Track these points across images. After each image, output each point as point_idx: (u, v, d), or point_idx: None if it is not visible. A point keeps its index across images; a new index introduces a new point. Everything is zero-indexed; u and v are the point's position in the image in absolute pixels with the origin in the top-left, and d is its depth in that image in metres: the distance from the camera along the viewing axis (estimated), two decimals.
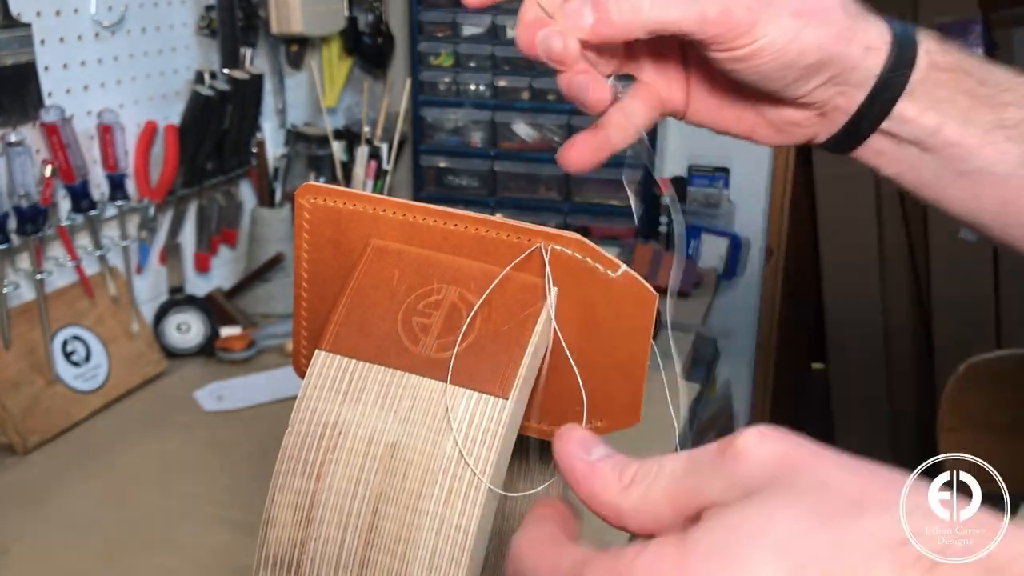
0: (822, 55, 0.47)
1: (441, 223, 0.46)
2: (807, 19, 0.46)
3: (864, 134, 0.52)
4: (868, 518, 0.29)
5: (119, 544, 0.97)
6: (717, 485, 0.32)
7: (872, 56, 0.49)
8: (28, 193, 1.11)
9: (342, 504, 0.43)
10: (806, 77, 0.48)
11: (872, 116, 0.51)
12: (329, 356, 0.45)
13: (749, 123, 0.54)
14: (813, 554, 0.28)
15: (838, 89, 0.50)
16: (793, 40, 0.46)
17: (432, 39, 1.76)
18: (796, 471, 0.31)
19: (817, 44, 0.47)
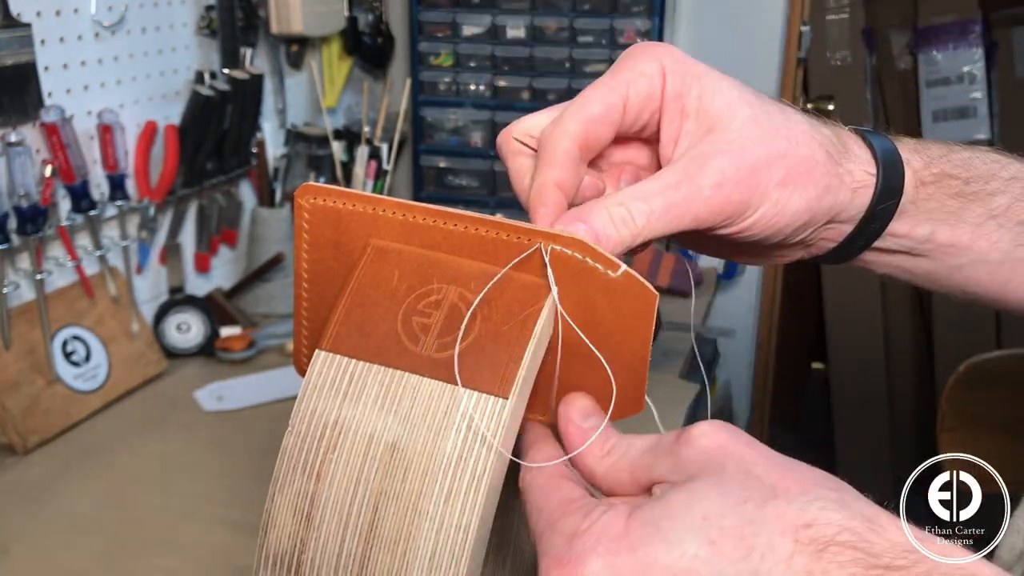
0: (810, 214, 0.48)
1: (441, 223, 0.46)
2: (792, 187, 0.46)
3: (853, 255, 0.54)
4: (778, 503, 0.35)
5: (119, 544, 0.97)
6: (667, 464, 0.40)
7: (859, 195, 0.49)
8: (28, 193, 1.11)
9: (342, 504, 0.43)
10: (797, 232, 0.49)
11: (861, 242, 0.52)
12: (329, 356, 0.45)
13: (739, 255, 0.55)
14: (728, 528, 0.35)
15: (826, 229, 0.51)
16: (781, 211, 0.46)
17: (432, 39, 1.76)
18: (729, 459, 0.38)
19: (805, 207, 0.47)
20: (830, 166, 0.48)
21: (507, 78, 1.75)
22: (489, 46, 1.74)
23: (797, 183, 0.46)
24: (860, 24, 2.39)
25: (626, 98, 0.46)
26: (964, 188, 0.51)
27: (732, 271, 1.81)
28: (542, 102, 1.74)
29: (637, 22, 1.67)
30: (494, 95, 1.77)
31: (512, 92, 1.76)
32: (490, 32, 1.73)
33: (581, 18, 1.69)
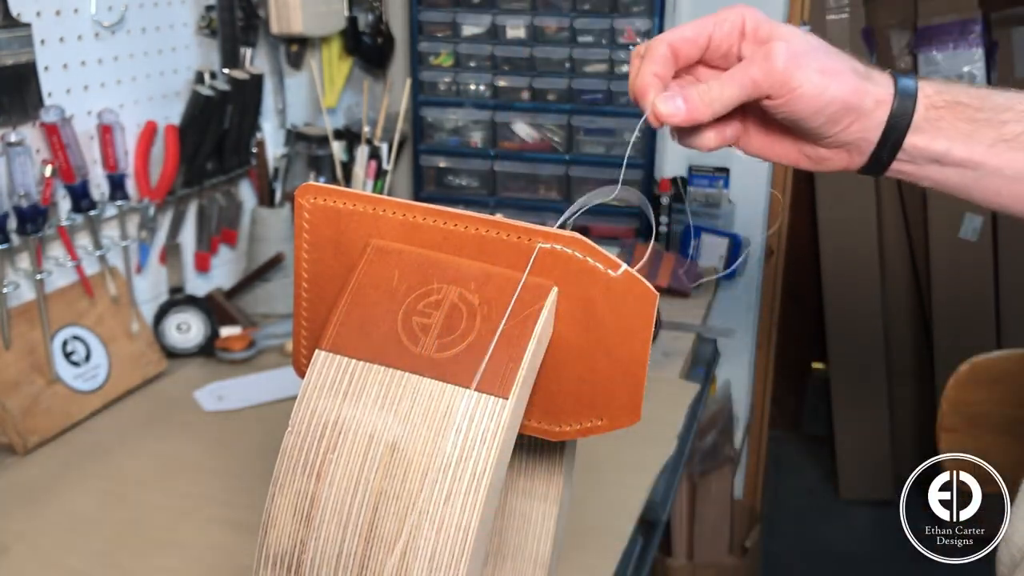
0: (843, 106, 0.61)
1: (441, 223, 0.46)
2: (831, 77, 0.61)
3: (886, 163, 0.66)
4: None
5: (119, 544, 0.97)
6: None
7: (880, 108, 0.63)
8: (28, 193, 1.11)
9: (342, 504, 0.43)
10: (832, 122, 0.62)
11: (888, 150, 0.65)
12: (329, 356, 0.45)
13: (793, 157, 0.68)
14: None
15: (858, 133, 0.64)
16: (823, 91, 0.60)
17: (432, 39, 1.76)
18: None
19: (840, 97, 0.61)
20: (856, 80, 0.62)
21: (507, 78, 1.75)
22: (489, 46, 1.74)
23: (833, 76, 0.61)
24: (860, 24, 2.39)
25: (711, 32, 0.64)
26: (975, 115, 0.64)
27: (732, 271, 1.81)
28: (542, 102, 1.74)
29: (637, 22, 1.67)
30: (494, 95, 1.77)
31: (512, 92, 1.76)
32: (490, 32, 1.73)
33: (581, 18, 1.69)
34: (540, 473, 0.57)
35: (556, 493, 0.57)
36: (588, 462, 1.11)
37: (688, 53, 0.64)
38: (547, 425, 0.48)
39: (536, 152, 1.78)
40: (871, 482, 2.54)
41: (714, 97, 0.62)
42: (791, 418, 2.86)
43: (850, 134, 0.64)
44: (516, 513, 0.57)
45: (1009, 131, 0.64)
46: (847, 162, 0.67)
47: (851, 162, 0.67)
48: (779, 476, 2.55)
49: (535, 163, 1.78)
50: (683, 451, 1.22)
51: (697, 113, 0.62)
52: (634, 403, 0.47)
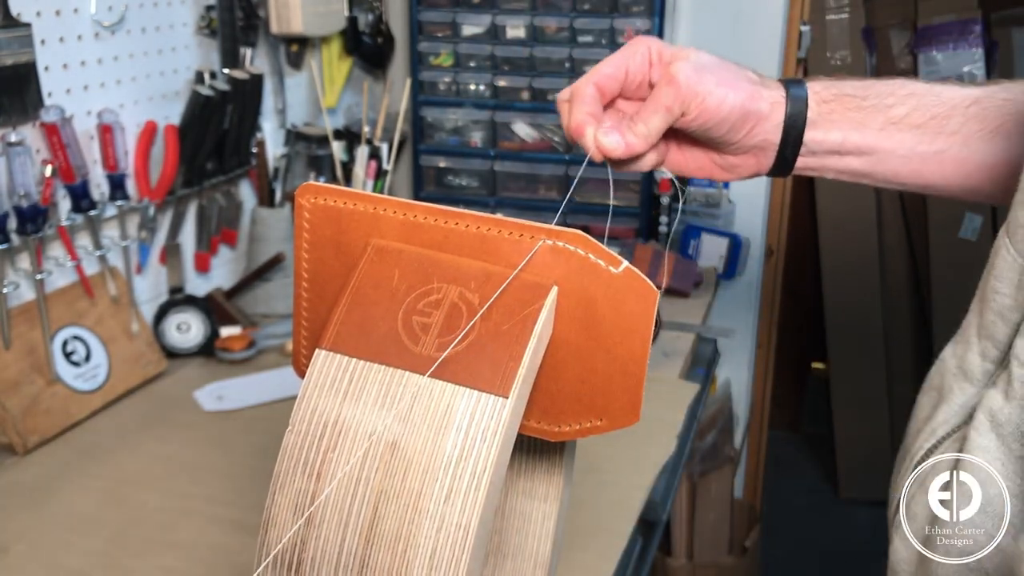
0: (742, 111, 0.67)
1: (442, 222, 0.46)
2: (728, 87, 0.67)
3: (791, 161, 0.71)
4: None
5: (119, 544, 0.97)
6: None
7: (775, 109, 0.69)
8: (28, 193, 1.11)
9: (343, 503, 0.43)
10: (735, 129, 0.68)
11: (791, 147, 0.70)
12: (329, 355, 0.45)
13: (708, 168, 0.74)
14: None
15: (760, 136, 0.70)
16: (723, 100, 0.66)
17: (432, 39, 1.76)
18: None
19: (740, 103, 0.67)
20: (751, 86, 0.68)
21: (507, 78, 1.75)
22: (489, 46, 1.74)
23: (730, 86, 0.67)
24: (860, 24, 2.39)
25: (627, 65, 0.69)
26: (862, 103, 0.69)
27: (732, 271, 1.81)
28: (542, 102, 1.74)
29: (637, 22, 1.67)
30: (494, 95, 1.77)
31: (512, 92, 1.76)
32: (490, 32, 1.73)
33: (581, 18, 1.69)
34: (540, 473, 0.57)
35: (556, 493, 0.57)
36: (588, 462, 1.11)
37: (611, 88, 0.70)
38: (547, 425, 0.48)
39: (536, 152, 1.78)
40: (871, 482, 2.54)
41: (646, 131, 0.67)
42: (791, 418, 2.86)
43: (753, 137, 0.69)
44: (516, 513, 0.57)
45: (895, 114, 0.69)
46: (756, 166, 0.72)
47: (760, 165, 0.72)
48: (779, 476, 2.55)
49: (535, 163, 1.78)
50: (683, 451, 1.22)
51: (635, 147, 0.67)
52: (634, 403, 0.47)
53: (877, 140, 0.70)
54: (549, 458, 0.57)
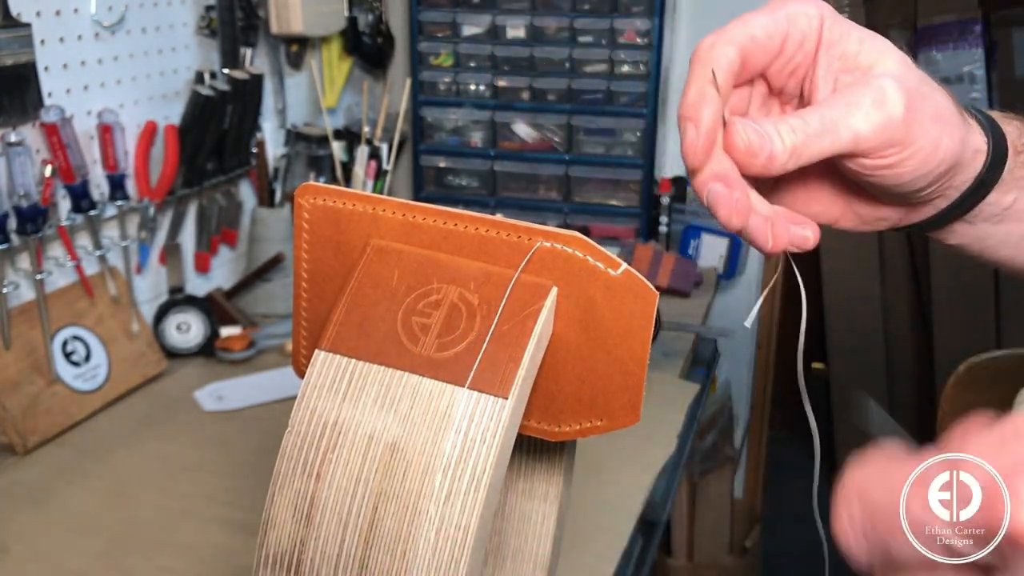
0: (953, 160, 0.47)
1: (441, 223, 0.46)
2: (942, 125, 0.45)
3: (946, 223, 0.52)
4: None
5: (119, 544, 0.97)
6: None
7: (977, 158, 0.49)
8: (28, 193, 1.11)
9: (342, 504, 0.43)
10: (935, 181, 0.47)
11: (961, 209, 0.51)
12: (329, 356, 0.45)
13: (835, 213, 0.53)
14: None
15: (944, 191, 0.49)
16: (936, 147, 0.45)
17: (432, 39, 1.76)
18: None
19: (953, 150, 0.46)
20: (962, 124, 0.48)
21: (507, 78, 1.75)
22: (489, 46, 1.74)
23: (946, 123, 0.46)
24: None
25: (787, 32, 0.46)
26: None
27: (732, 271, 1.81)
28: (542, 102, 1.74)
29: (637, 22, 1.67)
30: (494, 95, 1.76)
31: (512, 92, 1.75)
32: (490, 32, 1.73)
33: (581, 18, 1.69)
34: (540, 473, 0.57)
35: (556, 493, 0.57)
36: (588, 462, 1.11)
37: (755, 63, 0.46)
38: (546, 425, 0.48)
39: (536, 152, 1.78)
40: None
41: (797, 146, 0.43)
42: (791, 418, 2.87)
43: (936, 192, 0.49)
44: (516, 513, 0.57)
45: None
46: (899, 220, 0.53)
47: (906, 219, 0.52)
48: (779, 476, 2.55)
49: (535, 163, 1.78)
50: (683, 451, 1.22)
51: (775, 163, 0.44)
52: (634, 403, 0.47)
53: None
54: (549, 458, 0.57)
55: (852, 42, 0.47)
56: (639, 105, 1.70)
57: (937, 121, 0.45)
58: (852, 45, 0.47)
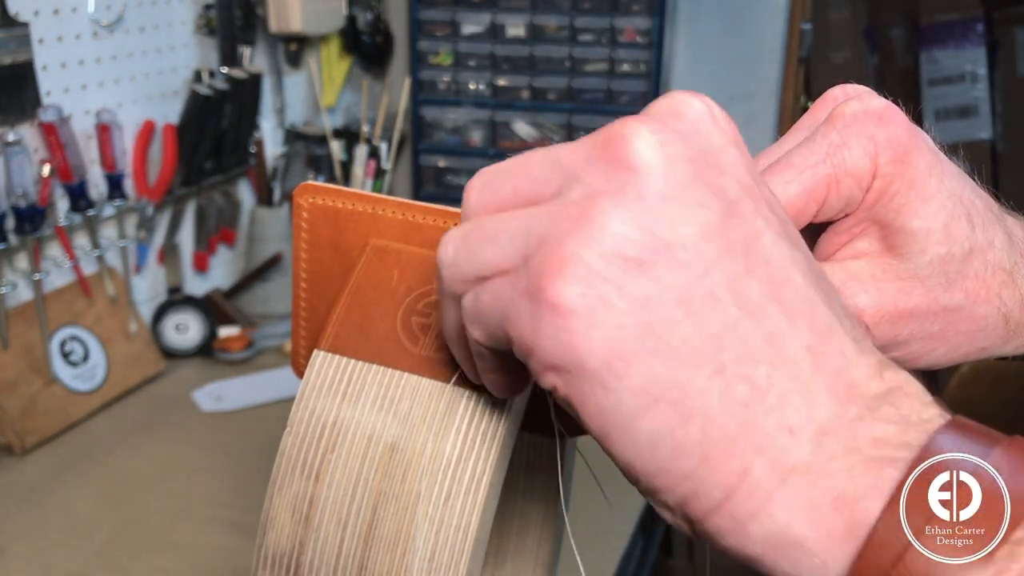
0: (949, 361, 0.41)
1: (441, 222, 0.46)
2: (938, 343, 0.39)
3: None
4: None
5: (117, 544, 0.97)
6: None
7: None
8: (26, 193, 1.11)
9: (341, 504, 0.42)
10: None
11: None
12: (328, 356, 0.45)
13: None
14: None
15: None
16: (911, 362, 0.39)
17: (432, 38, 1.76)
18: None
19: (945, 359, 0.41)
20: (1000, 331, 0.40)
21: (507, 77, 1.75)
22: (489, 45, 1.74)
23: (949, 342, 0.38)
24: (862, 23, 2.39)
25: (824, 200, 0.35)
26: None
27: None
28: (542, 101, 1.74)
29: (637, 21, 1.67)
30: (494, 94, 1.76)
31: (512, 91, 1.75)
32: (490, 31, 1.73)
33: (581, 17, 1.69)
34: (540, 473, 0.57)
35: (556, 493, 0.57)
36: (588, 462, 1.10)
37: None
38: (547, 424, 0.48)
39: None
40: None
41: None
42: None
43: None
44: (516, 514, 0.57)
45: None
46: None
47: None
48: None
49: None
50: None
51: None
52: None
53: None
54: (549, 458, 0.56)
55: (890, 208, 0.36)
56: (639, 104, 1.70)
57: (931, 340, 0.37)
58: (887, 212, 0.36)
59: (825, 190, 0.35)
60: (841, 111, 0.36)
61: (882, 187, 0.36)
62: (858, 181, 0.35)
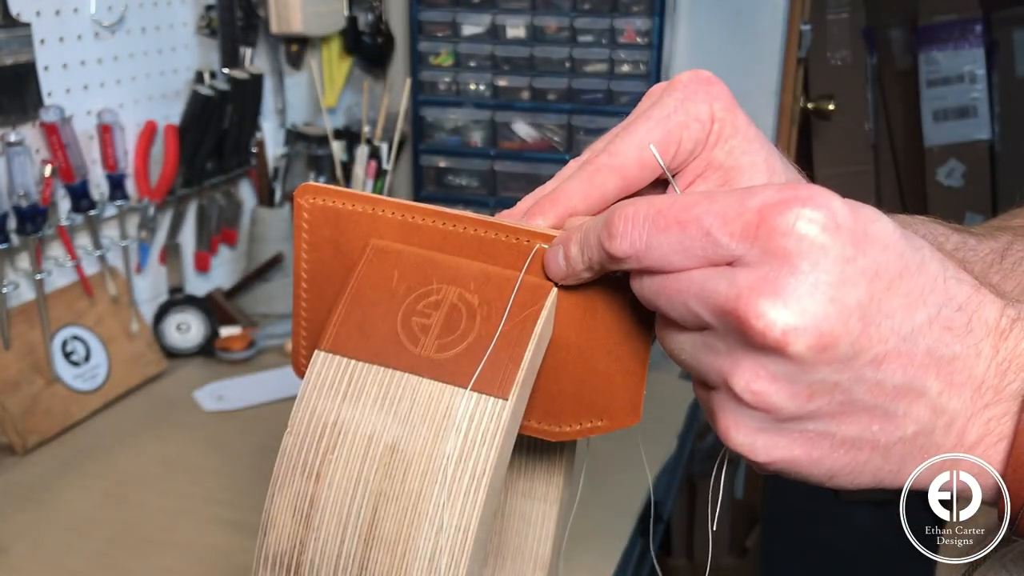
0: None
1: (440, 223, 0.46)
2: None
3: None
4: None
5: (119, 544, 0.97)
6: None
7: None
8: (28, 193, 1.11)
9: (342, 504, 0.43)
10: None
11: None
12: (328, 356, 0.45)
13: None
14: None
15: None
16: None
17: (432, 39, 1.76)
18: None
19: None
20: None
21: (507, 78, 1.75)
22: (489, 46, 1.74)
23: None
24: (861, 23, 2.39)
25: (679, 143, 0.45)
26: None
27: None
28: (542, 102, 1.74)
29: (637, 22, 1.67)
30: (494, 95, 1.76)
31: (512, 92, 1.75)
32: (490, 32, 1.73)
33: (581, 18, 1.69)
34: (540, 474, 0.57)
35: (556, 494, 0.57)
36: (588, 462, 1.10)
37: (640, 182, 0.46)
38: (547, 426, 0.48)
39: (536, 152, 1.78)
40: None
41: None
42: None
43: None
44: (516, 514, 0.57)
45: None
46: None
47: None
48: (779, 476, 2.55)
49: (535, 163, 1.78)
50: (683, 451, 1.22)
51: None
52: (634, 404, 0.46)
53: None
54: (549, 459, 0.57)
55: (724, 150, 0.45)
56: None
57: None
58: (721, 153, 0.45)
59: (679, 133, 0.44)
60: (679, 78, 0.46)
61: (719, 130, 0.45)
62: (703, 125, 0.45)
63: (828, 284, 0.32)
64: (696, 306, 0.35)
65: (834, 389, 0.34)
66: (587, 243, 0.40)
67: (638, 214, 0.37)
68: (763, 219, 0.33)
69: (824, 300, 0.32)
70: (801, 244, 0.33)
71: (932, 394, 0.35)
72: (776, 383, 0.34)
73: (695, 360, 0.37)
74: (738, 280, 0.34)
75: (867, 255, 0.33)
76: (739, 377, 0.34)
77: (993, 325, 0.36)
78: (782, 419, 0.35)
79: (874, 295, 0.33)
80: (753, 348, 0.34)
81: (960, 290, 0.36)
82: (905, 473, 0.36)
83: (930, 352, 0.35)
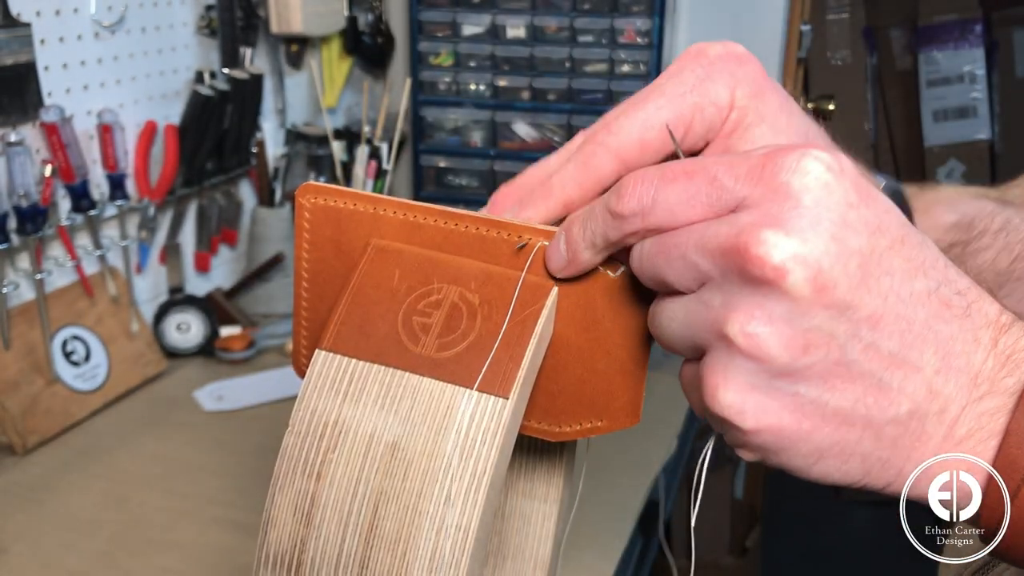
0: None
1: (442, 223, 0.46)
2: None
3: None
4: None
5: (119, 544, 0.97)
6: None
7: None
8: (28, 193, 1.11)
9: (342, 504, 0.43)
10: None
11: None
12: (329, 356, 0.45)
13: None
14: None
15: None
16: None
17: (432, 39, 1.76)
18: None
19: None
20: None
21: (507, 78, 1.75)
22: (489, 46, 1.74)
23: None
24: (860, 23, 2.39)
25: (689, 125, 0.42)
26: (963, 252, 0.52)
27: None
28: (542, 102, 1.74)
29: (637, 22, 1.67)
30: (494, 95, 1.76)
31: (512, 92, 1.75)
32: (490, 32, 1.73)
33: (581, 18, 1.69)
34: (540, 474, 0.57)
35: (556, 494, 0.57)
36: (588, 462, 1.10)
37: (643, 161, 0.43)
38: (547, 426, 0.48)
39: (536, 152, 1.78)
40: None
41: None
42: None
43: None
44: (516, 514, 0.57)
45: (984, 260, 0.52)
46: None
47: None
48: (779, 476, 2.55)
49: (535, 163, 1.77)
50: (683, 451, 1.22)
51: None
52: (635, 404, 0.46)
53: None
54: (549, 459, 0.57)
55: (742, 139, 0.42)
56: None
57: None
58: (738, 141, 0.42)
59: (691, 115, 0.41)
60: (706, 50, 0.42)
61: (738, 118, 0.42)
62: (719, 110, 0.42)
63: (831, 222, 0.32)
64: (695, 255, 0.34)
65: (830, 342, 0.33)
66: (591, 216, 0.39)
67: (648, 172, 0.36)
68: (768, 160, 0.33)
69: (826, 236, 0.32)
70: (805, 179, 0.32)
71: (928, 371, 0.34)
72: (772, 324, 0.33)
73: (687, 326, 0.36)
74: (740, 220, 0.33)
75: (870, 208, 0.33)
76: (734, 321, 0.33)
77: (993, 318, 0.35)
78: (775, 373, 0.33)
79: (875, 248, 0.33)
80: (750, 286, 0.33)
81: (960, 279, 0.35)
82: (893, 466, 0.35)
83: (928, 324, 0.34)
